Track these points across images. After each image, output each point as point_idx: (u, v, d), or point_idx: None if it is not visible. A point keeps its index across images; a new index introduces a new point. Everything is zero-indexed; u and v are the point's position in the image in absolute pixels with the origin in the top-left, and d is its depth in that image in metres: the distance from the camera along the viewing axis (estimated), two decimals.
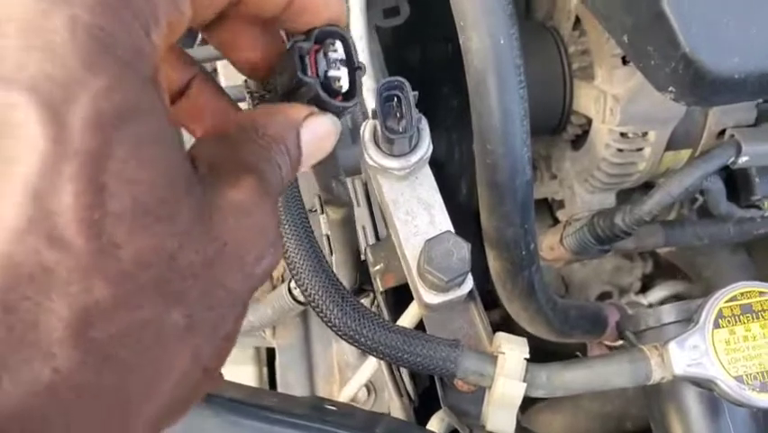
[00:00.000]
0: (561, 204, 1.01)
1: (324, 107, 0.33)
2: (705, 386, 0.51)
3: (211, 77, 0.37)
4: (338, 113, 0.34)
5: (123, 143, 0.23)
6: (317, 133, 0.33)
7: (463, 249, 0.52)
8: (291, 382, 0.93)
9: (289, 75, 0.33)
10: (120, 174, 0.22)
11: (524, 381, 0.51)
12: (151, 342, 0.24)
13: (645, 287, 1.22)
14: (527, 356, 0.52)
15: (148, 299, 0.23)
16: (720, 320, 0.51)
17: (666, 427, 0.59)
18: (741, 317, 0.51)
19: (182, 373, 0.26)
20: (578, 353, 0.92)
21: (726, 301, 0.51)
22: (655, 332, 0.58)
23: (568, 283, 1.22)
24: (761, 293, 0.52)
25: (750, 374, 0.49)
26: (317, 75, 0.33)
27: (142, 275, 0.23)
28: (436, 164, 1.21)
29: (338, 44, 0.34)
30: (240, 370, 1.08)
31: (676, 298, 1.20)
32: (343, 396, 0.83)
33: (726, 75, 0.55)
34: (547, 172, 0.98)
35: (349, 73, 0.34)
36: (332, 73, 0.34)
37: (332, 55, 0.34)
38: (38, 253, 0.21)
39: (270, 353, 1.04)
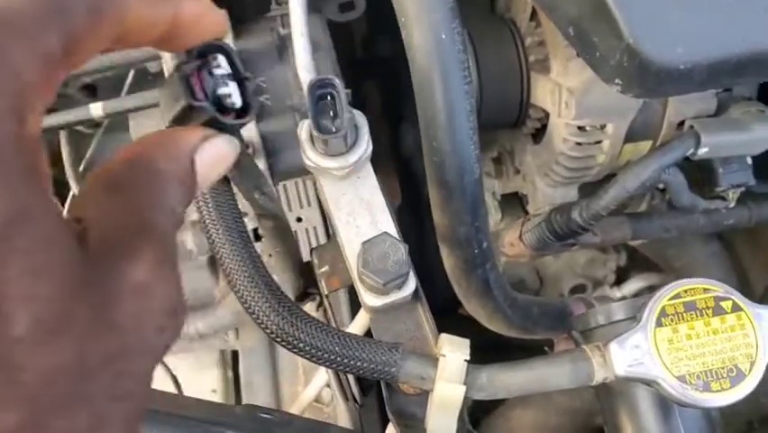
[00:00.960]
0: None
1: (219, 128, 0.31)
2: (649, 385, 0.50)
3: None
4: (233, 131, 0.33)
5: (17, 258, 0.21)
6: (213, 157, 0.31)
7: (400, 251, 0.50)
8: (256, 384, 0.91)
9: (177, 100, 0.31)
10: (16, 295, 0.21)
11: (464, 383, 0.50)
12: None
13: (620, 279, 1.21)
14: (468, 358, 0.51)
15: (55, 414, 0.22)
16: (663, 319, 0.49)
17: (617, 425, 0.57)
18: (684, 314, 0.50)
19: None
20: (546, 347, 0.91)
21: (670, 299, 0.50)
22: (605, 330, 0.57)
23: (542, 276, 1.21)
24: (705, 290, 0.50)
25: (693, 374, 0.48)
26: (206, 96, 0.31)
27: (49, 393, 0.22)
28: (404, 158, 1.20)
29: (220, 58, 0.32)
30: (205, 373, 1.07)
31: (650, 289, 1.19)
32: (306, 397, 0.82)
33: (671, 66, 0.54)
34: (512, 167, 0.97)
35: (239, 86, 0.33)
36: (221, 91, 0.32)
37: (216, 71, 0.32)
38: None
39: (236, 355, 1.03)
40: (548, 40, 0.75)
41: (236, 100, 0.32)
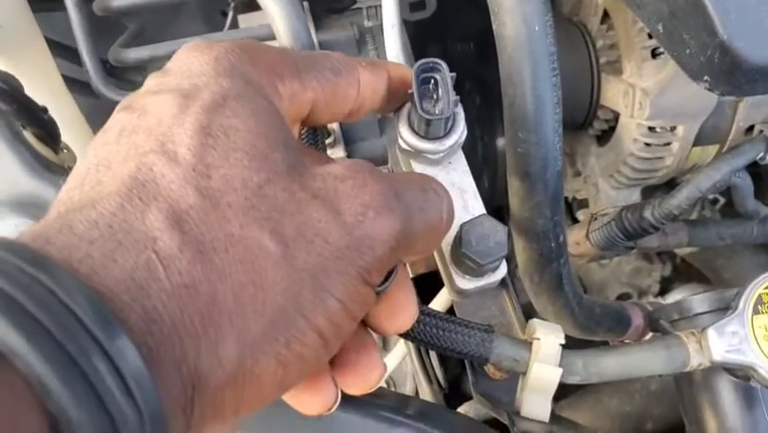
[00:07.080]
0: (581, 203, 1.01)
1: None
2: (742, 373, 0.51)
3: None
4: None
5: (232, 110, 0.30)
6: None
7: (500, 232, 0.51)
8: None
9: None
10: (222, 124, 0.30)
11: (559, 366, 0.50)
12: (241, 257, 0.27)
13: (664, 290, 1.21)
14: (563, 342, 0.51)
15: (235, 216, 0.28)
16: (759, 306, 0.50)
17: (699, 419, 0.58)
18: None
19: (277, 307, 0.28)
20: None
21: (766, 288, 0.51)
22: (688, 321, 0.57)
23: (586, 285, 1.22)
24: None
25: None
26: None
27: (228, 195, 0.28)
28: None
29: None
30: None
31: None
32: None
33: (762, 64, 0.54)
34: (571, 169, 0.97)
35: None
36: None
37: None
38: (153, 166, 0.28)
39: None
40: (621, 42, 0.77)
41: None
